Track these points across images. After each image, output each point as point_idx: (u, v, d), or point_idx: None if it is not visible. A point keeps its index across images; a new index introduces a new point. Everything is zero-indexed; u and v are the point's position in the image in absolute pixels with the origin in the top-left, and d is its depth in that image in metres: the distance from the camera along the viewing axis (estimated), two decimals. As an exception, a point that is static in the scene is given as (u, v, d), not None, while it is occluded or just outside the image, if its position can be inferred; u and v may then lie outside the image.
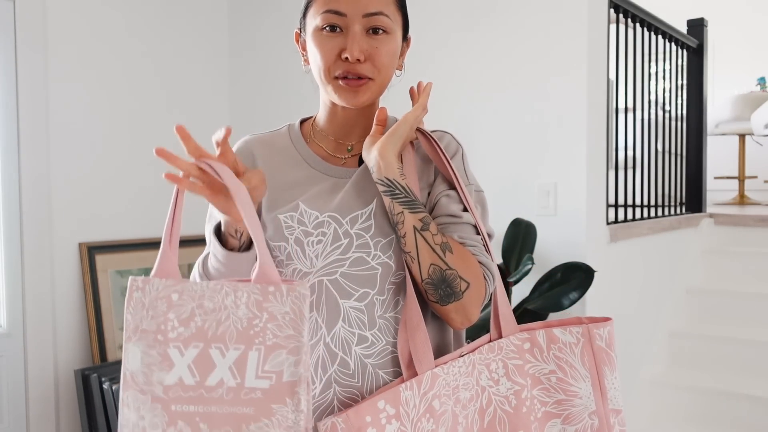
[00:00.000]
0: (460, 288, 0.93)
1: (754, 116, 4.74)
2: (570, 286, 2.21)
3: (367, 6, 0.95)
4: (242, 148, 1.07)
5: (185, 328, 0.80)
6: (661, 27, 3.15)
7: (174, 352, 0.80)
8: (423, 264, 0.92)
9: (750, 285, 3.26)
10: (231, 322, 0.80)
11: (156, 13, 3.00)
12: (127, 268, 2.81)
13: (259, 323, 0.79)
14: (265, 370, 0.79)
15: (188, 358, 0.80)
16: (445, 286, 0.92)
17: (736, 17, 5.79)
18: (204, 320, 0.80)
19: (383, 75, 0.99)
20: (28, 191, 2.55)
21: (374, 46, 0.96)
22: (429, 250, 0.92)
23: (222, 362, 0.79)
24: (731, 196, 5.14)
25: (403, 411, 0.77)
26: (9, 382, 2.51)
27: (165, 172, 0.81)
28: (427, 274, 0.92)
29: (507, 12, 2.50)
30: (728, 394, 2.80)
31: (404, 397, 0.78)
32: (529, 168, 2.45)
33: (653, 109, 3.49)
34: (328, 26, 0.96)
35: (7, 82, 2.50)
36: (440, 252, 0.93)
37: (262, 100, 3.19)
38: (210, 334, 0.80)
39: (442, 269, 0.92)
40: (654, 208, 3.17)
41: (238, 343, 0.79)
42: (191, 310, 0.80)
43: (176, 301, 0.80)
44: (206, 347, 0.80)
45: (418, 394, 0.77)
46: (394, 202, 0.93)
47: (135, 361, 0.80)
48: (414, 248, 0.92)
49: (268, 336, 0.79)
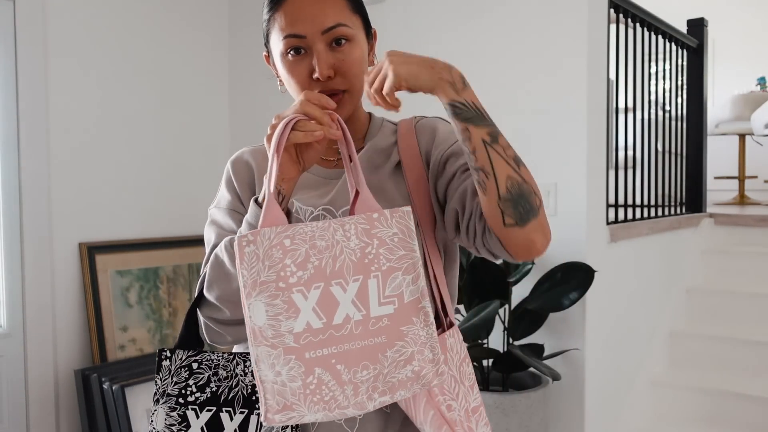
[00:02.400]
0: (536, 203, 0.88)
1: (754, 116, 4.74)
2: (570, 286, 2.21)
3: (323, 22, 0.95)
4: (239, 160, 1.08)
5: (303, 271, 0.81)
6: (661, 27, 3.14)
7: (298, 297, 0.80)
8: (500, 177, 0.86)
9: (750, 285, 3.26)
10: (345, 256, 0.82)
11: (156, 13, 3.00)
12: (127, 268, 2.81)
13: (371, 250, 0.83)
14: (387, 295, 0.82)
15: (312, 301, 0.80)
16: (524, 202, 0.86)
17: (736, 17, 5.79)
18: (319, 259, 0.81)
19: (357, 83, 0.99)
20: (28, 191, 2.55)
21: (340, 58, 0.96)
22: (503, 163, 0.87)
23: (344, 297, 0.81)
24: (731, 196, 5.14)
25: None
26: (9, 383, 2.51)
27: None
28: (506, 188, 0.86)
29: (507, 11, 2.50)
30: (728, 394, 2.80)
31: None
32: (529, 168, 2.45)
33: (653, 109, 3.48)
34: (291, 50, 0.97)
35: (7, 82, 2.50)
36: (515, 165, 0.88)
37: (262, 99, 3.19)
38: (329, 271, 0.81)
39: (519, 182, 0.87)
40: (654, 208, 3.17)
41: (356, 274, 0.82)
42: (305, 252, 0.81)
43: (290, 246, 0.81)
44: (327, 285, 0.81)
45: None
46: (456, 119, 0.88)
47: (260, 315, 0.80)
48: (488, 162, 0.86)
49: (382, 261, 0.83)
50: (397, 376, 0.82)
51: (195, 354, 0.92)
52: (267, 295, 0.80)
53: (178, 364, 0.92)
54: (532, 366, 2.11)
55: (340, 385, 0.80)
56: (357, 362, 0.81)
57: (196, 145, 3.16)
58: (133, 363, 2.65)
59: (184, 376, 0.91)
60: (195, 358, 0.92)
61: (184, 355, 0.92)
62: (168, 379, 0.91)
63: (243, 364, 0.91)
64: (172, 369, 0.92)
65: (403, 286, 0.83)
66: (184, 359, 0.92)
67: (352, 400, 0.81)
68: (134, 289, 2.82)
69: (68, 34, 2.68)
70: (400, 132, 1.07)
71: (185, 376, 0.91)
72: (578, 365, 2.38)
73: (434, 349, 0.84)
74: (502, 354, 2.26)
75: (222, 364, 0.92)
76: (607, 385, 2.56)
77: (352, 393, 0.81)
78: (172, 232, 3.03)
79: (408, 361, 0.82)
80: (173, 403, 0.91)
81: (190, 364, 0.92)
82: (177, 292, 2.96)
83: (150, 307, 2.86)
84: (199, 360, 0.92)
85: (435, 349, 0.84)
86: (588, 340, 2.38)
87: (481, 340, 2.31)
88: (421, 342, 0.83)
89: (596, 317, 2.43)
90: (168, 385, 0.91)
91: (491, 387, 2.32)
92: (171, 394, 0.91)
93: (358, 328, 0.81)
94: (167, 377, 0.92)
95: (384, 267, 0.83)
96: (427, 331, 0.83)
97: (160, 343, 2.87)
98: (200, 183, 3.11)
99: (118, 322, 2.74)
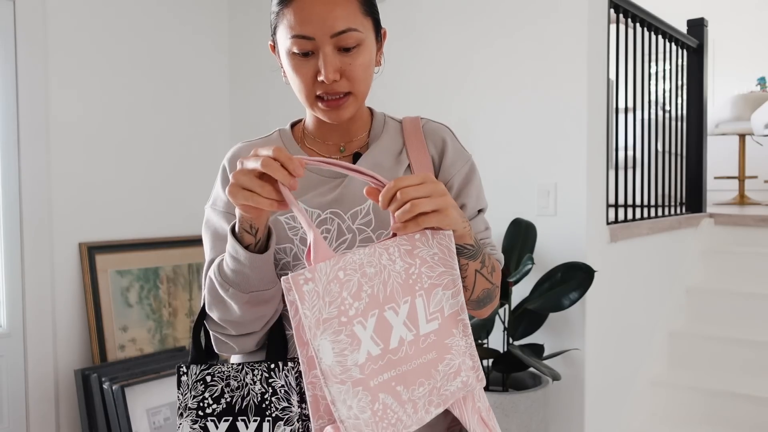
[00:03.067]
0: (495, 294, 1.03)
1: (754, 116, 4.74)
2: (570, 286, 2.21)
3: (333, 26, 0.93)
4: (235, 157, 1.06)
5: (359, 301, 0.82)
6: (661, 27, 3.14)
7: (358, 328, 0.81)
8: (476, 291, 0.98)
9: (750, 285, 3.26)
10: (393, 279, 0.84)
11: (156, 13, 3.00)
12: (127, 268, 2.81)
13: (414, 270, 0.85)
14: (431, 311, 0.85)
15: (370, 329, 0.82)
16: (487, 300, 1.01)
17: (736, 17, 5.78)
18: (371, 287, 0.83)
19: (362, 87, 0.98)
20: (28, 191, 2.55)
21: (348, 62, 0.95)
22: (483, 281, 0.98)
23: (397, 321, 0.83)
24: (731, 196, 5.14)
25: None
26: (9, 382, 2.51)
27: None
28: (477, 296, 0.99)
29: (507, 11, 2.50)
30: (728, 394, 2.80)
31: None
32: (529, 168, 2.45)
33: (653, 109, 3.48)
34: (298, 49, 0.95)
35: (7, 82, 2.50)
36: (489, 277, 0.99)
37: (262, 98, 3.19)
38: (381, 297, 0.83)
39: (489, 290, 1.00)
40: (654, 208, 3.17)
41: (405, 296, 0.84)
42: (358, 282, 0.82)
43: (344, 279, 0.82)
44: (381, 311, 0.83)
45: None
46: (461, 257, 0.93)
47: (328, 354, 0.78)
48: (472, 283, 0.97)
49: (424, 279, 0.85)
50: (449, 388, 0.86)
51: (207, 368, 0.97)
52: (331, 332, 0.79)
53: (194, 379, 0.97)
54: (532, 366, 2.11)
55: (401, 405, 0.82)
56: (414, 381, 0.83)
57: (196, 145, 3.16)
58: (133, 363, 2.65)
59: (201, 389, 0.97)
60: (207, 371, 0.97)
61: (197, 370, 0.97)
62: (187, 393, 0.97)
63: (252, 373, 0.95)
64: (190, 383, 0.97)
65: (443, 300, 0.86)
66: (198, 374, 0.97)
67: (413, 417, 0.83)
68: (134, 289, 2.82)
69: (68, 34, 2.68)
70: (406, 132, 1.07)
71: (201, 389, 0.97)
72: (578, 365, 2.38)
73: (473, 357, 0.89)
74: (502, 354, 2.26)
75: (233, 375, 0.96)
76: (607, 385, 2.56)
77: (412, 410, 0.82)
78: (172, 232, 3.03)
79: (457, 374, 0.86)
80: (194, 416, 0.96)
81: (204, 377, 0.97)
82: (177, 292, 2.96)
83: (150, 307, 2.86)
84: (212, 373, 0.97)
85: (474, 357, 0.89)
86: (588, 340, 2.38)
87: (481, 340, 2.31)
88: (462, 352, 0.87)
89: (596, 317, 2.43)
90: (188, 399, 0.97)
91: (491, 387, 2.32)
92: (191, 408, 0.97)
93: (412, 348, 0.83)
94: (186, 392, 0.97)
95: (426, 285, 0.85)
96: (466, 341, 0.87)
97: (160, 343, 2.87)
98: (200, 183, 3.11)
99: (118, 322, 2.74)
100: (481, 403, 0.94)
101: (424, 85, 2.67)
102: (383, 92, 1.78)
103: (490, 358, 2.27)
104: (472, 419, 0.91)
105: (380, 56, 1.05)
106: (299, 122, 1.12)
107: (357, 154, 1.05)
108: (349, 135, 1.06)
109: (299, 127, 1.11)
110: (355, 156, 1.05)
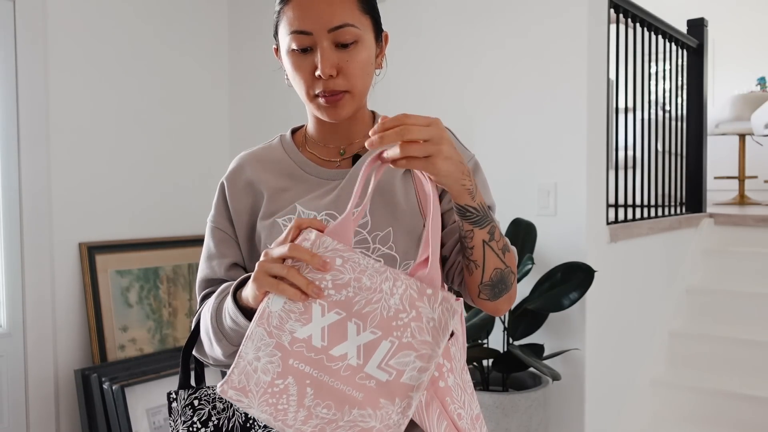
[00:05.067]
0: (511, 281, 0.96)
1: (754, 116, 4.74)
2: (570, 286, 2.21)
3: (330, 21, 0.94)
4: (238, 168, 1.07)
5: (336, 292, 0.81)
6: (661, 27, 3.15)
7: (317, 309, 0.81)
8: (487, 269, 0.93)
9: (750, 285, 3.26)
10: (380, 307, 0.81)
11: (156, 13, 3.00)
12: (127, 268, 2.81)
13: (405, 318, 0.81)
14: (389, 363, 0.80)
15: (326, 321, 0.81)
16: (501, 285, 0.95)
17: (736, 17, 5.78)
18: (356, 293, 0.81)
19: (359, 85, 0.98)
20: (28, 191, 2.55)
21: (345, 59, 0.96)
22: (494, 257, 0.93)
23: (354, 338, 0.81)
24: (731, 196, 5.14)
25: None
26: (9, 382, 2.51)
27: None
28: (489, 277, 0.94)
29: (507, 12, 2.50)
30: (728, 394, 2.80)
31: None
32: (529, 168, 2.45)
33: (653, 109, 3.48)
34: (297, 45, 0.96)
35: (7, 82, 2.50)
36: (502, 255, 0.94)
37: (262, 98, 3.19)
38: (356, 308, 0.81)
39: (502, 271, 0.94)
40: (654, 208, 3.17)
41: (377, 328, 0.81)
42: (348, 280, 0.82)
43: (338, 266, 0.82)
44: (346, 318, 0.81)
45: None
46: (464, 220, 0.90)
47: (278, 302, 0.81)
48: (481, 258, 0.92)
49: (406, 333, 0.81)
50: None
51: (194, 392, 0.99)
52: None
53: (183, 404, 0.99)
54: (532, 366, 2.11)
55: (298, 404, 0.80)
56: (326, 397, 0.80)
57: (196, 146, 3.16)
58: (133, 363, 2.65)
59: (189, 414, 0.98)
60: (195, 395, 0.99)
61: (185, 395, 0.99)
62: (178, 420, 0.99)
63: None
64: (179, 409, 0.99)
65: (409, 366, 0.80)
66: (187, 398, 0.99)
67: (297, 424, 0.80)
68: (134, 289, 2.82)
69: (68, 34, 2.68)
70: None
71: (190, 414, 0.98)
72: (578, 365, 2.38)
73: None
74: (502, 354, 2.26)
75: (218, 397, 0.98)
76: (607, 385, 2.56)
77: (302, 420, 0.80)
78: (172, 232, 3.03)
79: (363, 431, 0.80)
80: None
81: (192, 402, 0.99)
82: (177, 292, 2.96)
83: (150, 307, 2.86)
84: (199, 396, 0.99)
85: None
86: (588, 340, 2.38)
87: (481, 340, 2.31)
88: (387, 424, 0.80)
89: (596, 317, 2.43)
90: (179, 426, 0.98)
91: (491, 387, 2.32)
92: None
93: (347, 372, 0.80)
94: (177, 418, 0.99)
95: (404, 339, 0.81)
96: (398, 420, 0.80)
97: (160, 343, 2.87)
98: (200, 183, 3.11)
99: (118, 322, 2.74)
100: (464, 411, 0.90)
101: (425, 86, 2.67)
102: (384, 93, 1.78)
103: (490, 358, 2.27)
104: (440, 425, 0.87)
105: (381, 59, 1.06)
106: (301, 128, 1.12)
107: (356, 156, 1.05)
108: (350, 137, 1.06)
109: (300, 132, 1.11)
110: (354, 158, 1.05)
